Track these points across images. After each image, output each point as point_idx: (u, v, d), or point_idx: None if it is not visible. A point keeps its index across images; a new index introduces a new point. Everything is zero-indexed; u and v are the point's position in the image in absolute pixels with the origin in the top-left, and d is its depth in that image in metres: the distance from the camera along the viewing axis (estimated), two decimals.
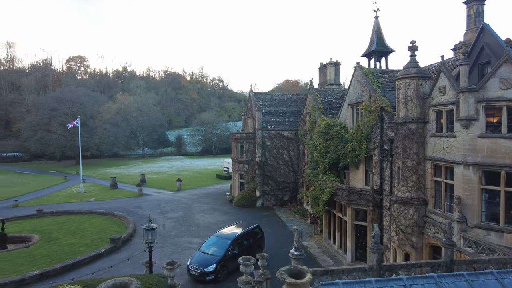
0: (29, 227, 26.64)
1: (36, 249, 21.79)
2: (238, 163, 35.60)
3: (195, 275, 17.17)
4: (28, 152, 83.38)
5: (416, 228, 14.85)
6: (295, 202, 32.75)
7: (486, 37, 14.53)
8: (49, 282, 16.29)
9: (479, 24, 15.94)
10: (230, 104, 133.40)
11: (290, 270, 5.33)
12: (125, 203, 35.69)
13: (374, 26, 25.38)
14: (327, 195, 20.55)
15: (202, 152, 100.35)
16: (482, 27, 14.83)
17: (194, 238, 24.13)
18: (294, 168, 33.53)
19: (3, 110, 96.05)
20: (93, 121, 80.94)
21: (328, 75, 33.66)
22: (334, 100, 27.93)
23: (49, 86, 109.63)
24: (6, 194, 41.99)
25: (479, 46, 14.86)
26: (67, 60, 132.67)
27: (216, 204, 35.02)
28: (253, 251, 18.56)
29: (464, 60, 12.98)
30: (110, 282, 5.30)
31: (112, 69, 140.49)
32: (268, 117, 33.92)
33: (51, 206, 34.35)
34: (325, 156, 22.00)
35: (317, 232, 25.03)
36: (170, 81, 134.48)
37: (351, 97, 21.45)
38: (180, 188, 43.43)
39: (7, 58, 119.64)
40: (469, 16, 16.98)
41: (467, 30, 17.19)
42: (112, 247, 21.71)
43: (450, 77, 13.71)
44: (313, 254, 21.09)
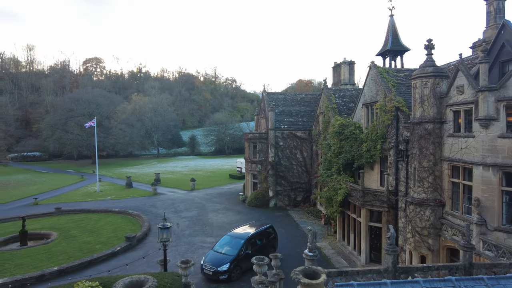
0: (48, 224, 27.35)
1: (55, 246, 22.36)
2: (251, 163, 35.65)
3: (208, 274, 17.29)
4: (47, 152, 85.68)
5: (432, 230, 14.55)
6: (308, 202, 32.57)
7: (507, 34, 14.11)
8: (68, 278, 16.67)
9: (499, 21, 15.50)
10: (243, 104, 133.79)
11: (305, 271, 5.31)
12: (140, 202, 36.24)
13: (389, 25, 25.00)
14: (341, 196, 20.35)
15: (215, 152, 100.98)
16: (502, 24, 14.40)
17: (208, 237, 24.30)
18: (307, 168, 33.36)
19: (24, 111, 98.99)
20: (108, 121, 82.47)
21: (342, 74, 33.34)
22: (348, 99, 27.65)
23: (66, 87, 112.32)
24: (26, 193, 43.28)
25: (500, 43, 14.44)
26: (83, 61, 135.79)
27: (229, 203, 35.17)
28: (266, 251, 18.59)
29: (484, 58, 12.65)
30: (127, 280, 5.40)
31: (127, 70, 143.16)
32: (281, 117, 33.85)
33: (69, 205, 35.16)
34: (339, 157, 21.80)
35: (330, 233, 24.84)
36: (184, 82, 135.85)
37: (365, 96, 21.20)
38: (193, 188, 43.81)
39: (28, 61, 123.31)
40: (489, 12, 16.53)
41: (486, 27, 16.75)
42: (127, 245, 22.06)
43: (469, 76, 13.38)
44: (327, 255, 20.93)
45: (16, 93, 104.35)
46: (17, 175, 61.99)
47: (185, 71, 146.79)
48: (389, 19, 25.01)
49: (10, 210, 33.88)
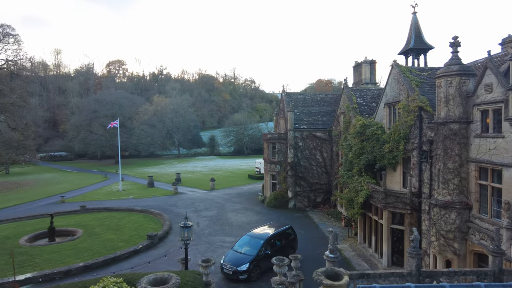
0: (74, 222, 28.31)
1: (80, 242, 23.12)
2: (270, 163, 35.62)
3: (228, 274, 17.41)
4: (72, 152, 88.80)
5: (458, 234, 14.07)
6: (328, 204, 32.21)
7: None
8: (93, 274, 17.21)
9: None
10: (261, 105, 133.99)
11: (327, 272, 5.27)
12: (161, 201, 36.92)
13: (412, 23, 24.39)
14: (363, 198, 20.02)
15: (234, 152, 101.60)
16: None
17: (227, 236, 24.46)
18: (327, 169, 32.99)
19: (51, 112, 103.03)
20: (131, 122, 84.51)
21: (363, 74, 32.79)
22: (370, 99, 27.17)
23: (91, 89, 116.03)
24: (53, 191, 45.03)
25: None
26: (107, 64, 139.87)
27: (248, 204, 35.28)
28: (285, 252, 18.53)
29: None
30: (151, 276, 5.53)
31: (148, 72, 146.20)
32: (300, 118, 33.65)
33: (93, 203, 36.28)
34: (360, 157, 21.45)
35: (351, 235, 24.48)
36: (203, 83, 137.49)
37: (387, 96, 20.77)
38: (213, 188, 44.24)
39: (55, 64, 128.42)
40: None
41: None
42: (149, 243, 22.52)
43: (498, 74, 12.87)
44: (347, 257, 20.64)
45: (45, 95, 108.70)
46: (45, 174, 64.60)
47: (205, 73, 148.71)
48: (412, 16, 24.41)
49: (39, 208, 35.34)
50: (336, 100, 34.24)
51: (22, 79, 76.18)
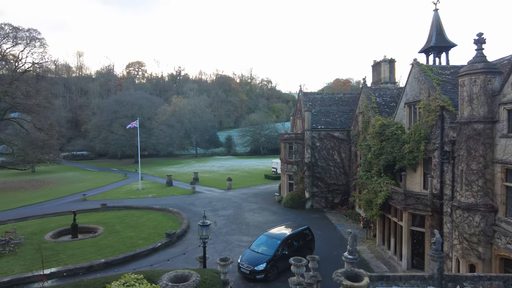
0: (95, 219, 29.10)
1: (101, 239, 23.75)
2: (286, 163, 35.51)
3: (245, 273, 17.48)
4: (93, 151, 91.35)
5: (483, 237, 13.62)
6: (346, 205, 31.83)
7: None
8: (114, 270, 17.63)
9: None
10: (278, 105, 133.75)
11: (347, 273, 5.22)
12: (180, 200, 37.44)
13: (433, 20, 23.78)
14: (382, 199, 19.67)
15: (251, 152, 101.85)
16: None
17: (244, 236, 24.56)
18: (345, 170, 32.60)
19: (74, 113, 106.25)
20: (150, 122, 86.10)
21: (382, 73, 32.20)
22: (389, 99, 26.68)
23: (111, 90, 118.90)
24: (76, 189, 46.43)
25: None
26: (126, 65, 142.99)
27: (264, 203, 35.29)
28: (302, 252, 18.44)
29: None
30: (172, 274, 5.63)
31: (167, 73, 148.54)
32: (318, 117, 33.39)
33: (113, 201, 37.17)
34: (379, 158, 21.10)
35: (369, 237, 24.10)
36: (220, 84, 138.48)
37: (408, 95, 20.34)
38: (230, 187, 44.50)
39: (77, 66, 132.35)
40: None
41: None
42: (168, 241, 22.89)
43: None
44: (366, 259, 20.34)
45: (68, 96, 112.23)
46: (68, 173, 66.69)
47: (222, 73, 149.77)
48: (433, 13, 23.80)
49: (62, 205, 36.52)
50: (355, 100, 33.78)
51: (47, 81, 79.07)
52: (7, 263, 19.45)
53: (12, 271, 18.24)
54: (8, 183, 53.62)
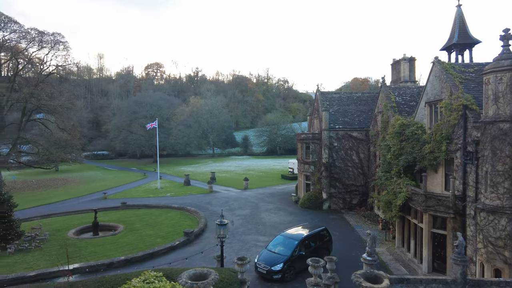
0: (115, 217, 29.80)
1: (121, 237, 24.30)
2: (303, 164, 35.30)
3: (262, 273, 17.49)
4: (113, 151, 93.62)
5: (509, 242, 13.12)
6: (364, 206, 31.34)
7: None
8: (134, 268, 18.02)
9: None
10: (295, 105, 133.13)
11: (366, 275, 5.15)
12: (197, 199, 37.84)
13: (456, 16, 23.08)
14: (401, 200, 19.27)
15: (267, 152, 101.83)
16: None
17: (261, 236, 24.58)
18: (364, 170, 32.10)
19: (95, 114, 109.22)
20: (168, 122, 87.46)
21: (401, 71, 31.53)
22: (409, 98, 26.09)
23: (130, 91, 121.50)
24: (97, 188, 47.70)
25: None
26: (145, 67, 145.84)
27: (281, 204, 35.20)
28: (320, 253, 18.30)
29: None
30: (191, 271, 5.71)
31: (184, 74, 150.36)
32: (335, 117, 33.03)
33: (133, 200, 37.96)
34: (399, 158, 20.67)
35: (388, 239, 23.65)
36: (237, 84, 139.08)
37: (428, 94, 19.84)
38: (247, 187, 44.62)
39: (98, 68, 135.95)
40: None
41: None
42: (185, 240, 23.18)
43: None
44: (385, 261, 19.96)
45: (89, 97, 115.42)
46: (89, 172, 68.61)
47: (239, 74, 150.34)
48: (456, 9, 23.10)
49: (84, 203, 37.59)
50: (373, 99, 33.23)
51: (70, 82, 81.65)
52: (33, 257, 20.21)
53: (38, 265, 18.94)
54: (34, 182, 55.66)
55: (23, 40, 54.72)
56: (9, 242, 21.42)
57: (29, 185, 52.20)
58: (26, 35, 54.29)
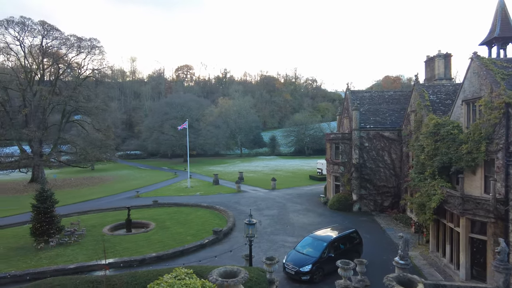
0: (147, 215, 30.77)
1: (153, 234, 25.06)
2: (333, 164, 34.72)
3: (290, 274, 17.40)
4: (146, 151, 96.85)
5: None
6: (396, 208, 30.34)
7: None
8: (165, 264, 18.54)
9: None
10: (323, 104, 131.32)
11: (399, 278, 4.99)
12: (225, 199, 38.30)
13: (498, 8, 21.77)
14: (436, 203, 18.47)
15: (295, 152, 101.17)
16: None
17: (289, 237, 24.46)
18: (396, 171, 31.08)
19: (128, 115, 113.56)
20: (198, 123, 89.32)
21: (436, 68, 30.21)
22: (444, 96, 24.97)
23: (162, 93, 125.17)
24: (130, 186, 49.49)
25: None
26: (176, 69, 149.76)
27: (309, 205, 34.84)
28: (349, 256, 17.94)
29: None
30: (222, 269, 5.80)
31: (213, 75, 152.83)
32: (366, 116, 32.23)
33: (164, 198, 39.03)
34: (433, 159, 19.83)
35: (422, 243, 22.75)
36: (265, 84, 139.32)
37: (466, 92, 18.89)
38: (274, 187, 44.57)
39: (131, 71, 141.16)
40: None
41: None
42: (214, 238, 23.53)
43: None
44: (418, 265, 19.23)
45: (122, 99, 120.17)
46: (122, 171, 71.34)
47: (266, 74, 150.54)
48: (498, 1, 21.81)
49: (118, 201, 39.14)
50: (406, 98, 32.11)
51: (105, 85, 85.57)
52: (73, 251, 21.35)
53: (77, 259, 19.99)
54: (72, 180, 58.71)
55: (63, 46, 58.09)
56: (51, 236, 22.73)
57: (68, 183, 55.08)
58: (66, 41, 57.53)
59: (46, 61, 58.96)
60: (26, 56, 56.64)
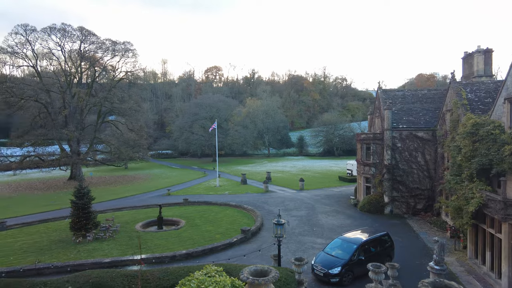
0: (178, 213, 31.56)
1: (183, 232, 25.68)
2: (363, 165, 33.91)
3: (319, 275, 17.22)
4: (176, 150, 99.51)
5: None
6: (430, 211, 29.13)
7: None
8: (195, 261, 18.96)
9: None
10: (353, 104, 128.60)
11: (435, 284, 4.81)
12: (253, 198, 38.49)
13: None
14: (474, 207, 17.54)
15: (324, 153, 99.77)
16: None
17: (318, 238, 24.19)
18: (430, 173, 29.85)
19: (160, 115, 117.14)
20: (226, 123, 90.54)
21: (475, 65, 28.68)
22: (484, 94, 23.67)
23: (192, 94, 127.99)
24: (161, 184, 51.00)
25: None
26: (205, 70, 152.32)
27: (339, 206, 34.25)
28: (380, 259, 17.50)
29: None
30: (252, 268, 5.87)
31: (241, 76, 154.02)
32: (399, 116, 31.20)
33: (194, 197, 39.87)
34: (471, 161, 18.84)
35: (459, 248, 21.69)
36: (293, 84, 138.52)
37: (509, 89, 17.79)
38: (302, 188, 44.21)
39: (162, 72, 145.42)
40: None
41: None
42: (243, 237, 23.72)
43: None
44: (454, 272, 18.36)
45: (154, 100, 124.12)
46: (154, 169, 73.64)
47: (294, 73, 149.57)
48: None
49: (150, 199, 40.45)
50: (441, 96, 30.79)
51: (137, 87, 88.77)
52: (108, 246, 22.33)
53: (112, 253, 20.89)
54: (107, 178, 61.37)
55: (99, 50, 60.88)
56: (88, 231, 23.92)
57: (104, 181, 57.64)
58: (102, 45, 60.27)
59: (83, 65, 62.13)
60: (66, 60, 59.99)
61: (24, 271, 17.86)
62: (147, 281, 11.95)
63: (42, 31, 55.61)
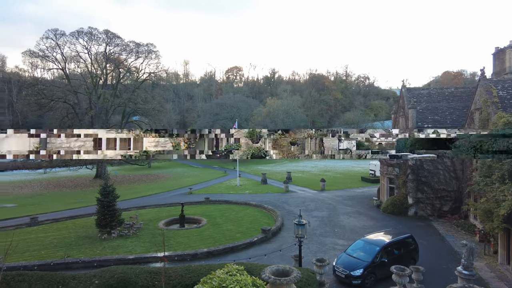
0: (199, 211, 31.96)
1: (204, 230, 25.98)
2: (387, 166, 33.15)
3: (340, 277, 16.98)
4: None
5: None
6: (457, 214, 28.11)
7: None
8: (216, 260, 19.14)
9: None
10: (376, 103, 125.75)
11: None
12: (274, 198, 38.43)
13: None
14: (506, 210, 16.77)
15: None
16: None
17: (339, 239, 23.86)
18: (457, 174, 28.81)
19: (182, 116, 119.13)
20: (247, 123, 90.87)
21: (507, 61, 27.45)
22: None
23: (213, 94, 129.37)
24: (183, 183, 51.88)
25: None
26: (226, 71, 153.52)
27: (361, 208, 33.63)
28: (404, 262, 17.04)
29: None
30: (274, 267, 5.87)
31: (262, 76, 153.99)
32: (424, 115, 30.28)
33: (215, 195, 40.26)
34: (503, 161, 18.04)
35: (488, 253, 20.80)
36: (314, 83, 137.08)
37: None
38: (323, 188, 43.71)
39: (184, 73, 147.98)
40: None
41: None
42: (263, 237, 23.74)
43: None
44: (484, 278, 17.62)
45: (176, 101, 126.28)
46: (177, 168, 75.04)
47: (315, 72, 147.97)
48: None
49: (172, 197, 41.21)
50: (469, 95, 29.63)
51: (160, 88, 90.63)
52: (132, 243, 22.93)
53: (136, 250, 21.44)
54: (131, 176, 63.04)
55: (124, 52, 62.67)
56: (113, 228, 24.64)
57: (128, 179, 59.26)
58: (126, 48, 62.01)
59: (108, 66, 64.15)
60: (92, 63, 62.17)
61: (54, 265, 18.67)
62: (170, 278, 12.19)
63: (71, 35, 57.91)
